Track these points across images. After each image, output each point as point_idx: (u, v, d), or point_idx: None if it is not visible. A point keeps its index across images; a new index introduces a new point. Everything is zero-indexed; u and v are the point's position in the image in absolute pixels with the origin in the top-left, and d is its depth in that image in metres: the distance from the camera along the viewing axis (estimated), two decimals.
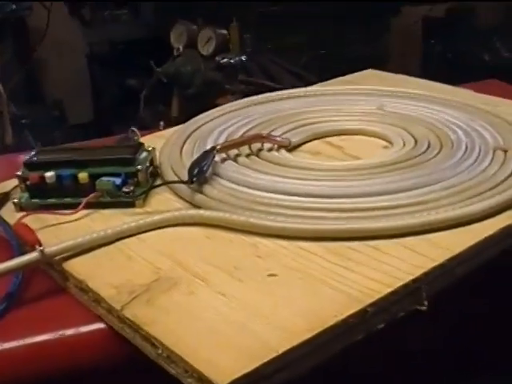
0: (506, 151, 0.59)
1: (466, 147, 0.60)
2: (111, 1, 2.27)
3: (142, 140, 0.66)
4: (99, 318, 0.45)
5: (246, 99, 0.75)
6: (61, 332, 0.44)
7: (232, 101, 1.34)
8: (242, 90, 1.45)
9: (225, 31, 1.54)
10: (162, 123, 1.60)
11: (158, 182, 0.59)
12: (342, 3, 2.12)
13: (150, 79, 1.57)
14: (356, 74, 0.87)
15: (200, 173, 0.54)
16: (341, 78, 0.86)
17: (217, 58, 1.46)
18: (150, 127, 1.64)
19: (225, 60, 1.43)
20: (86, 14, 2.35)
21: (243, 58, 1.43)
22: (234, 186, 0.55)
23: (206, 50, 1.53)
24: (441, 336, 0.55)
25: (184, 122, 0.72)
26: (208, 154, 0.56)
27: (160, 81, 1.53)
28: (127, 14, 2.41)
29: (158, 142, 0.65)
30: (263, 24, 1.88)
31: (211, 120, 0.70)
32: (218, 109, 0.72)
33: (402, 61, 2.48)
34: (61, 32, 2.15)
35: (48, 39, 2.12)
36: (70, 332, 0.45)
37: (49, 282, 0.49)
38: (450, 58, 2.19)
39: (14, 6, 1.84)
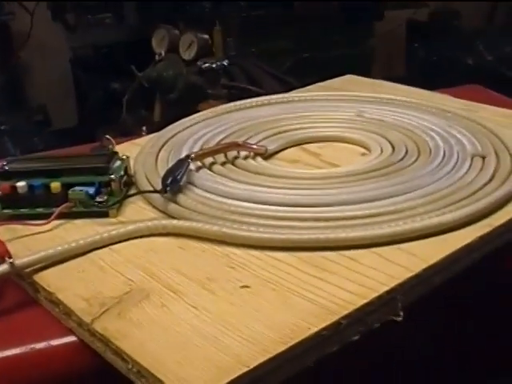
0: (484, 157, 0.59)
1: (444, 154, 0.60)
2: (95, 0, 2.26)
3: (117, 148, 0.65)
4: (71, 331, 0.44)
5: (222, 106, 0.74)
6: (31, 346, 0.44)
7: (214, 105, 1.34)
8: (225, 95, 1.44)
9: (206, 36, 1.53)
10: (144, 128, 1.60)
11: (133, 190, 0.58)
12: (325, 7, 2.12)
13: (133, 84, 1.56)
14: (335, 79, 0.87)
15: (173, 182, 0.53)
16: (319, 84, 0.85)
17: (198, 63, 1.45)
18: (132, 132, 1.64)
19: (206, 65, 1.43)
20: (70, 18, 2.34)
21: (225, 62, 1.42)
22: (208, 194, 0.54)
23: (188, 54, 1.53)
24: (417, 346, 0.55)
25: (166, 126, 0.71)
26: (182, 163, 0.56)
27: (142, 86, 1.52)
28: (111, 17, 2.40)
29: (133, 150, 0.64)
30: (247, 28, 1.88)
31: (187, 128, 0.69)
32: (193, 116, 0.72)
33: (386, 64, 2.48)
34: (44, 36, 2.14)
35: (31, 43, 2.11)
36: (40, 345, 0.44)
37: (20, 294, 0.48)
38: (434, 62, 2.20)
39: None
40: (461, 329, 0.56)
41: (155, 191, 0.54)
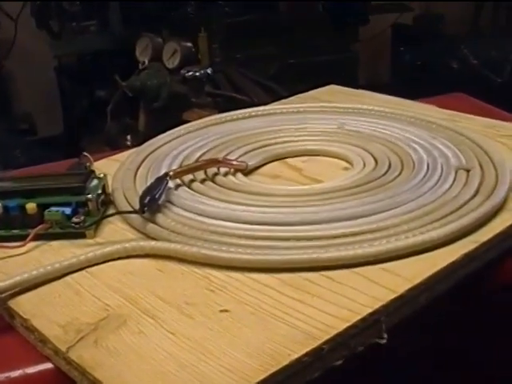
0: (468, 171, 0.58)
1: (428, 167, 0.59)
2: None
3: (95, 164, 0.64)
4: (47, 359, 0.43)
5: (202, 120, 0.73)
6: (6, 374, 0.42)
7: (199, 114, 1.33)
8: (209, 103, 1.43)
9: (190, 44, 1.52)
10: (129, 137, 1.59)
11: (111, 210, 0.57)
12: (311, 12, 2.12)
13: (116, 93, 1.55)
14: (317, 90, 0.86)
15: (151, 201, 0.52)
16: (301, 95, 0.84)
17: (182, 71, 1.44)
18: (117, 141, 1.63)
19: (190, 73, 1.42)
20: (54, 26, 2.33)
21: (209, 70, 1.41)
22: (187, 214, 0.53)
23: (172, 62, 1.52)
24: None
25: (151, 135, 0.70)
26: (161, 181, 0.55)
27: (126, 95, 1.51)
28: (95, 25, 2.40)
29: (112, 167, 0.63)
30: (232, 34, 1.87)
31: (167, 142, 0.68)
32: (173, 130, 0.70)
33: (372, 69, 2.48)
34: (28, 44, 2.13)
35: (15, 51, 2.10)
36: (16, 374, 0.42)
37: None
38: (419, 66, 2.20)
39: None
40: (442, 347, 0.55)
41: (133, 212, 0.53)
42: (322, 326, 0.41)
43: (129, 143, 1.55)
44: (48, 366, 0.43)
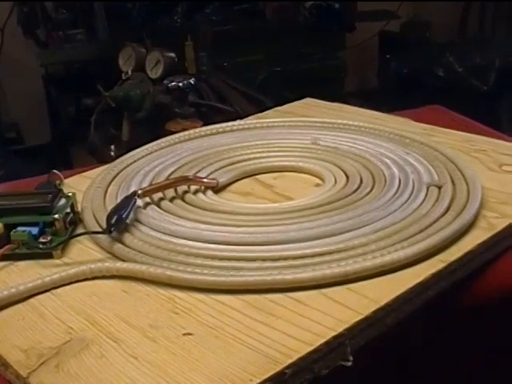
0: (440, 187, 0.58)
1: (399, 183, 0.58)
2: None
3: (66, 181, 0.63)
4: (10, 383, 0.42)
5: (175, 135, 0.72)
6: None
7: (182, 124, 1.33)
8: (192, 113, 1.43)
9: (173, 54, 1.52)
10: (112, 147, 1.58)
11: (80, 229, 0.56)
12: (298, 20, 2.12)
13: (100, 103, 1.55)
14: (294, 103, 0.85)
15: (118, 221, 0.51)
16: (277, 108, 0.84)
17: (165, 82, 1.44)
18: (101, 151, 1.63)
19: (173, 84, 1.41)
20: (41, 35, 2.32)
21: (191, 81, 1.40)
22: (154, 233, 0.52)
23: (155, 73, 1.51)
24: None
25: (134, 146, 0.70)
26: (129, 200, 0.54)
27: (110, 105, 1.50)
28: (82, 33, 2.39)
29: (82, 184, 0.63)
30: (219, 42, 1.87)
31: (138, 159, 0.67)
32: (145, 147, 0.70)
33: (359, 76, 2.48)
34: (15, 52, 2.12)
35: (2, 60, 2.09)
36: None
37: None
38: (406, 73, 2.20)
39: None
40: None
41: (100, 232, 0.52)
42: (284, 350, 0.40)
43: (112, 153, 1.54)
44: None
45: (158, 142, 0.70)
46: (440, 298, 0.48)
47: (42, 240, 0.52)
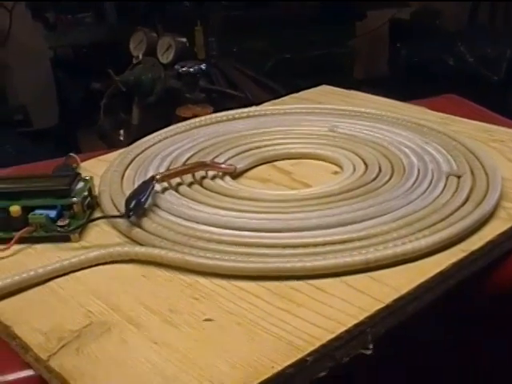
0: (459, 177, 0.57)
1: (419, 172, 0.58)
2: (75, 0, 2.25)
3: (83, 164, 0.63)
4: (29, 366, 0.42)
5: (191, 120, 0.72)
6: None
7: (193, 109, 1.32)
8: (203, 99, 1.43)
9: (184, 39, 1.51)
10: (121, 132, 1.58)
11: (97, 212, 0.56)
12: (309, 7, 2.11)
13: (110, 87, 1.54)
14: (309, 90, 0.85)
15: (137, 206, 0.51)
16: (293, 95, 0.83)
17: (176, 67, 1.43)
18: (110, 136, 1.62)
19: (184, 69, 1.41)
20: (50, 17, 2.32)
21: (203, 66, 1.40)
22: (173, 218, 0.52)
23: (166, 57, 1.51)
24: None
25: (144, 130, 0.70)
26: (147, 185, 0.54)
27: (120, 89, 1.50)
28: (91, 16, 2.39)
29: (100, 167, 0.63)
30: (228, 27, 1.87)
31: (156, 143, 0.67)
32: (162, 131, 0.69)
33: (369, 64, 2.47)
34: (24, 35, 2.11)
35: (11, 42, 2.08)
36: None
37: None
38: (416, 62, 2.19)
39: None
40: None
41: (118, 216, 0.52)
42: (306, 337, 0.40)
43: (122, 138, 1.54)
44: (29, 372, 0.42)
45: (174, 126, 0.70)
46: (460, 286, 0.48)
47: (59, 223, 0.52)
